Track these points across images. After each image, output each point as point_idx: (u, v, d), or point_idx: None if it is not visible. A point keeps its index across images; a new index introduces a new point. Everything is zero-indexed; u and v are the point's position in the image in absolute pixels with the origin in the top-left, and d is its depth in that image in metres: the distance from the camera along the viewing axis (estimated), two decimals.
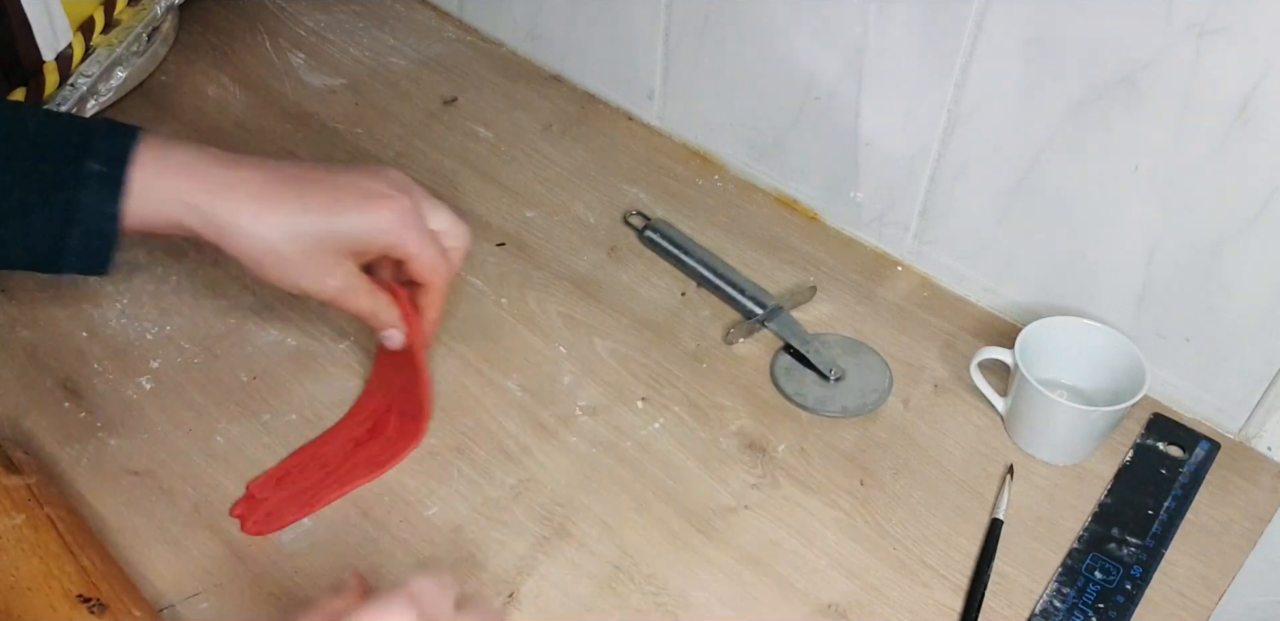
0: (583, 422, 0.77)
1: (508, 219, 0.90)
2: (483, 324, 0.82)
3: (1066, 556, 0.71)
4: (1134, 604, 0.69)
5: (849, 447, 0.76)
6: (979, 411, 0.79)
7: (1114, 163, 0.71)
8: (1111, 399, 0.73)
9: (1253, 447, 0.78)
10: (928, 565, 0.71)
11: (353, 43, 1.04)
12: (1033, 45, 0.70)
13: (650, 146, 0.97)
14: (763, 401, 0.79)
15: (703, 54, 0.89)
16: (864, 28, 0.77)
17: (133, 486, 0.71)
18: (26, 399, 0.75)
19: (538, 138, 0.97)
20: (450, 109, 0.99)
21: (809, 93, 0.84)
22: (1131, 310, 0.77)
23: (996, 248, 0.82)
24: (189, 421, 0.75)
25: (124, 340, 0.79)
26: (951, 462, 0.76)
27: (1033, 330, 0.75)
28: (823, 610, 0.68)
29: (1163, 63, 0.65)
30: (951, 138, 0.78)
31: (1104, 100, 0.69)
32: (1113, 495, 0.75)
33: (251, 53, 1.02)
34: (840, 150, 0.85)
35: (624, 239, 0.89)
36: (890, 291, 0.86)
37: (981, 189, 0.79)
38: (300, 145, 0.94)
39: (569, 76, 1.02)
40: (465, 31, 1.06)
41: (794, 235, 0.90)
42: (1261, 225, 0.68)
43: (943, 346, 0.83)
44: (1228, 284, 0.71)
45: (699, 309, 0.85)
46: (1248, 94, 0.63)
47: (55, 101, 0.88)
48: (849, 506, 0.73)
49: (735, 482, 0.74)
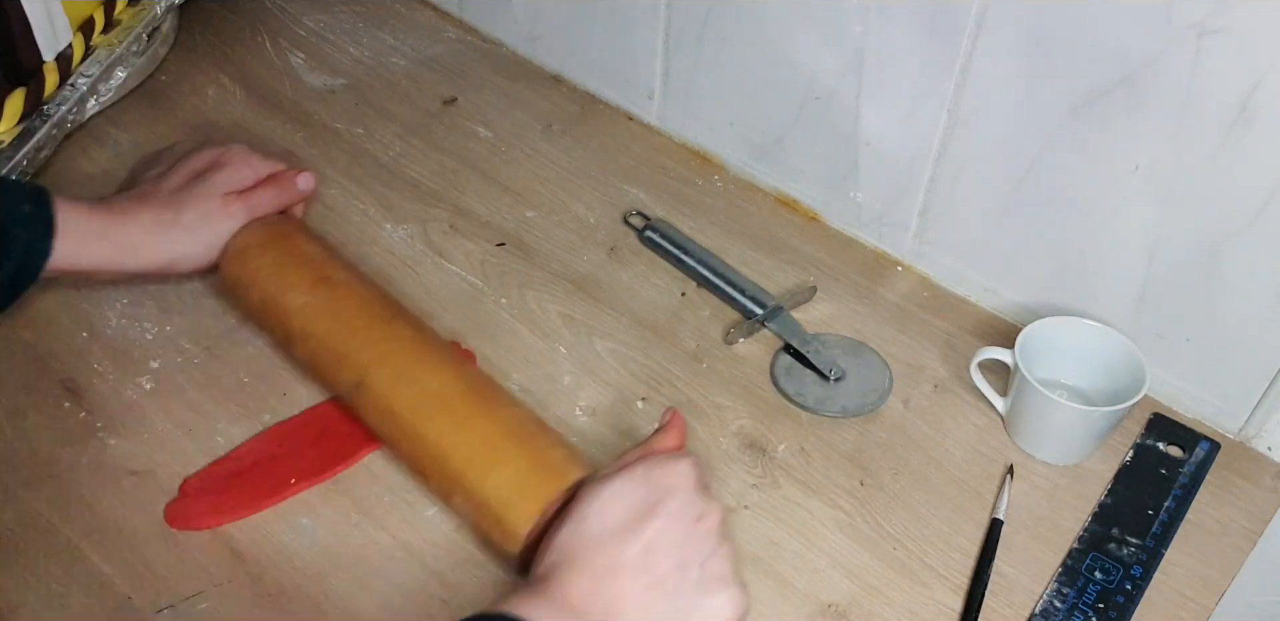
0: (583, 422, 0.77)
1: (508, 219, 0.90)
2: (483, 324, 0.82)
3: (1066, 556, 0.71)
4: (1134, 604, 0.69)
5: (849, 448, 0.76)
6: (979, 411, 0.79)
7: (1114, 162, 0.71)
8: (1111, 399, 0.73)
9: (1253, 447, 0.78)
10: (928, 565, 0.71)
11: (353, 43, 1.04)
12: (1033, 45, 0.70)
13: (650, 146, 0.97)
14: (763, 401, 0.79)
15: (703, 54, 0.89)
16: (864, 28, 0.77)
17: (133, 486, 0.71)
18: (26, 399, 0.75)
19: (538, 138, 0.97)
20: (450, 109, 0.99)
21: (809, 93, 0.84)
22: (1131, 310, 0.77)
23: (996, 248, 0.82)
24: (189, 421, 0.75)
25: (124, 340, 0.79)
26: (951, 462, 0.76)
27: (1033, 330, 0.75)
28: (823, 610, 0.68)
29: (1163, 63, 0.65)
30: (951, 138, 0.78)
31: (1104, 100, 0.69)
32: (1113, 495, 0.75)
33: (251, 53, 1.02)
34: (840, 150, 0.85)
35: (624, 239, 0.89)
36: (890, 291, 0.86)
37: (981, 189, 0.79)
38: (300, 145, 0.94)
39: (569, 76, 1.02)
40: (465, 31, 1.06)
41: (794, 235, 0.90)
42: (1261, 225, 0.68)
43: (943, 346, 0.83)
44: (1228, 284, 0.71)
45: (699, 309, 0.85)
46: (1248, 94, 0.63)
47: (55, 101, 0.88)
48: (849, 506, 0.73)
49: (735, 482, 0.74)
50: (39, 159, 0.87)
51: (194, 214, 0.75)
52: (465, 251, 0.87)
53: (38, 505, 0.70)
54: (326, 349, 0.71)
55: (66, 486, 0.71)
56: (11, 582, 0.66)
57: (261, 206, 0.77)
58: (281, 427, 0.74)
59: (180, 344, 0.79)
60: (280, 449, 0.73)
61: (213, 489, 0.71)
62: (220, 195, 0.76)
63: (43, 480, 0.71)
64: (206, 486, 0.71)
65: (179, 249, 0.75)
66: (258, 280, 0.75)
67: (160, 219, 0.74)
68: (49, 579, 0.67)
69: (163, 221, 0.74)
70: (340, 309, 0.72)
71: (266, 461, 0.72)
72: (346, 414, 0.74)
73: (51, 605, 0.65)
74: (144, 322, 0.80)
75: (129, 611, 0.65)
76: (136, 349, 0.79)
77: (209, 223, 0.75)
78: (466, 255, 0.87)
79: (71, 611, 0.65)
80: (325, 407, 0.76)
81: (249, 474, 0.72)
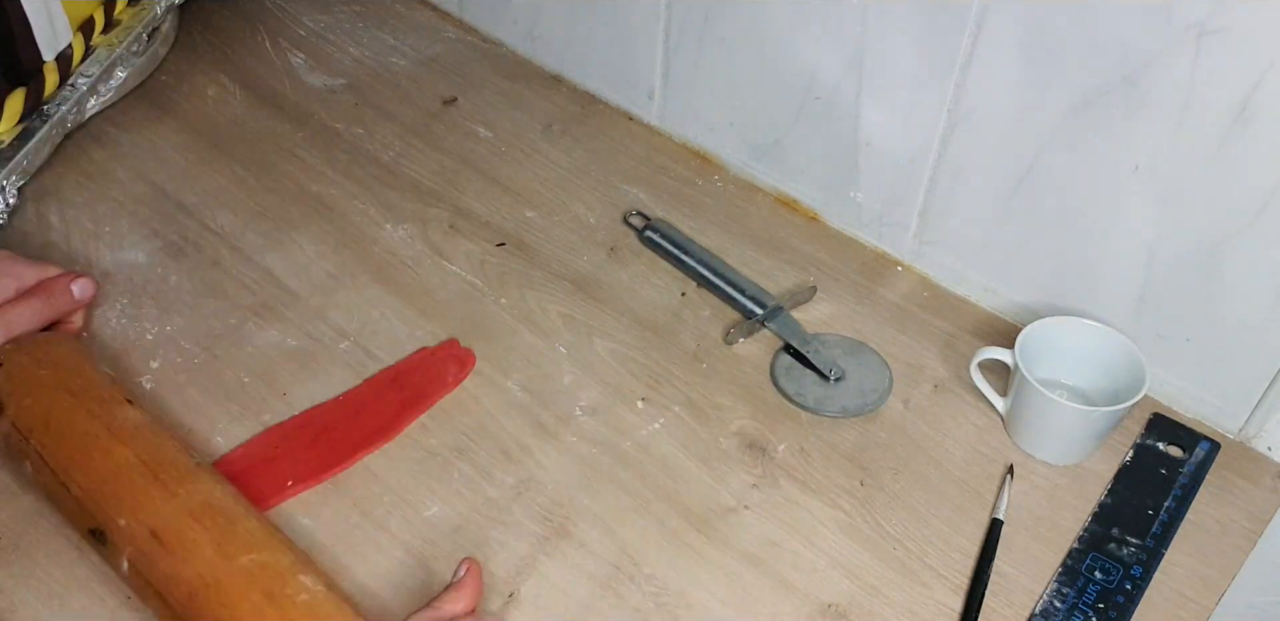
0: (583, 422, 0.77)
1: (508, 219, 0.90)
2: (483, 324, 0.82)
3: (1066, 556, 0.71)
4: (1134, 604, 0.69)
5: (849, 448, 0.76)
6: (979, 411, 0.79)
7: (1114, 163, 0.71)
8: (1111, 399, 0.73)
9: (1253, 447, 0.78)
10: (928, 565, 0.71)
11: (353, 43, 1.04)
12: (1033, 45, 0.70)
13: (650, 146, 0.97)
14: (763, 401, 0.79)
15: (703, 54, 0.89)
16: (864, 28, 0.77)
17: None
18: None
19: (538, 138, 0.97)
20: (450, 109, 0.99)
21: (809, 93, 0.84)
22: (1131, 310, 0.77)
23: (996, 248, 0.82)
24: (189, 421, 0.75)
25: (124, 340, 0.79)
26: (951, 462, 0.76)
27: (1033, 330, 0.75)
28: (823, 610, 0.68)
29: (1163, 63, 0.65)
30: (951, 138, 0.78)
31: (1104, 100, 0.69)
32: (1113, 495, 0.75)
33: (251, 53, 1.02)
34: (840, 150, 0.85)
35: (624, 239, 0.89)
36: (890, 291, 0.86)
37: (981, 189, 0.79)
38: (300, 145, 0.94)
39: (569, 76, 1.02)
40: (465, 31, 1.06)
41: (794, 235, 0.90)
42: (1261, 225, 0.68)
43: (943, 346, 0.83)
44: (1228, 284, 0.71)
45: (699, 309, 0.85)
46: (1248, 94, 0.63)
47: (55, 101, 0.88)
48: (849, 506, 0.73)
49: (735, 482, 0.74)
50: (39, 159, 0.87)
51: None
52: (465, 251, 0.87)
53: (38, 505, 0.70)
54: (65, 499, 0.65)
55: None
56: (11, 582, 0.66)
57: (19, 323, 0.68)
58: (279, 429, 0.74)
59: (180, 344, 0.79)
60: (277, 451, 0.73)
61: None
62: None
63: None
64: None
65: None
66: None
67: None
68: (49, 579, 0.67)
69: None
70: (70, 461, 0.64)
71: (263, 464, 0.72)
72: (345, 414, 0.74)
73: (51, 605, 0.65)
74: (144, 323, 0.80)
75: (129, 611, 0.65)
76: (136, 349, 0.79)
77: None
78: (466, 255, 0.87)
79: (71, 611, 0.65)
80: (323, 408, 0.75)
81: (247, 475, 0.71)
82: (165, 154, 0.92)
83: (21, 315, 0.67)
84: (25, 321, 0.68)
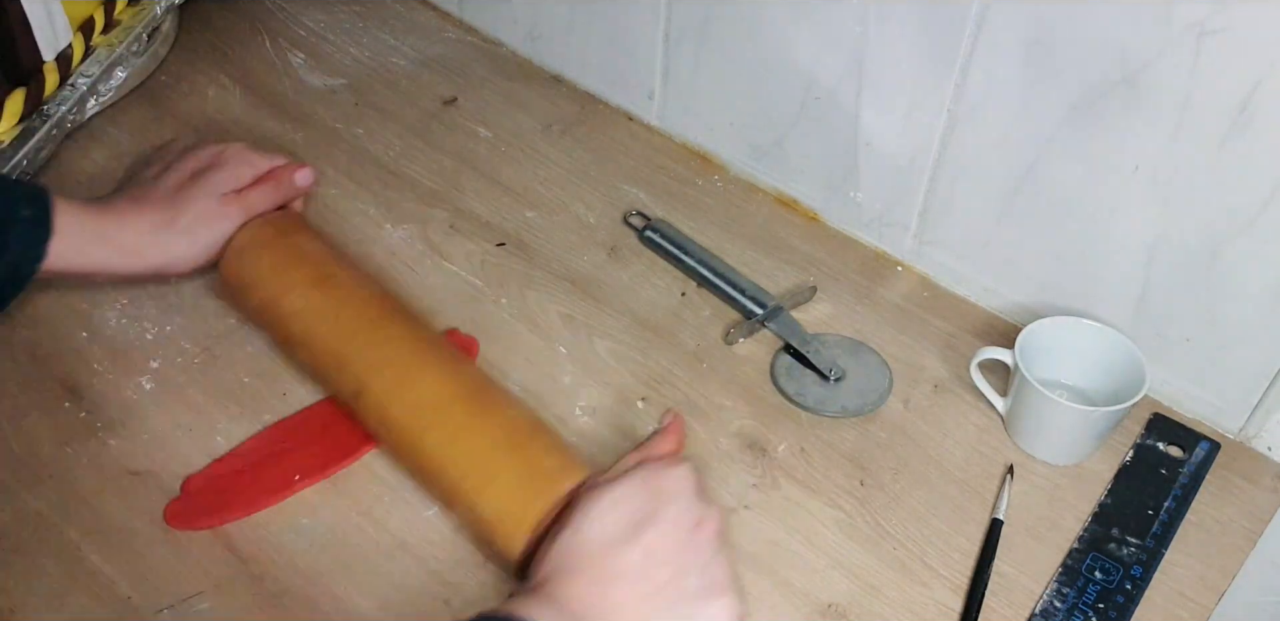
0: (583, 422, 0.77)
1: (508, 219, 0.90)
2: (483, 324, 0.82)
3: (1066, 556, 0.71)
4: (1134, 604, 0.69)
5: (849, 448, 0.76)
6: (979, 411, 0.79)
7: (1114, 163, 0.71)
8: (1111, 399, 0.73)
9: (1253, 447, 0.78)
10: (928, 565, 0.71)
11: (353, 43, 1.04)
12: (1033, 45, 0.70)
13: (650, 146, 0.97)
14: (763, 401, 0.79)
15: (703, 54, 0.89)
16: (864, 28, 0.77)
17: (133, 486, 0.71)
18: (26, 399, 0.75)
19: (538, 138, 0.97)
20: (450, 109, 0.99)
21: (809, 93, 0.84)
22: (1131, 310, 0.77)
23: (996, 248, 0.82)
24: (189, 421, 0.75)
25: (124, 340, 0.79)
26: (951, 462, 0.76)
27: (1033, 330, 0.75)
28: (823, 610, 0.68)
29: (1163, 63, 0.65)
30: (951, 138, 0.78)
31: (1104, 100, 0.69)
32: (1113, 495, 0.75)
33: (251, 53, 1.02)
34: (840, 150, 0.85)
35: (624, 239, 0.89)
36: (890, 291, 0.87)
37: (981, 189, 0.79)
38: (300, 145, 0.94)
39: (569, 76, 1.02)
40: (465, 31, 1.06)
41: (794, 235, 0.90)
42: (1261, 225, 0.68)
43: (943, 346, 0.83)
44: (1228, 284, 0.71)
45: (699, 309, 0.85)
46: (1248, 94, 0.63)
47: (55, 101, 0.88)
48: (849, 506, 0.73)
49: (735, 483, 0.74)
50: (39, 159, 0.87)
51: (191, 216, 0.75)
52: (465, 251, 0.87)
53: (38, 505, 0.70)
54: (325, 355, 0.72)
55: (66, 486, 0.71)
56: (11, 582, 0.66)
57: (259, 205, 0.78)
58: (283, 425, 0.74)
59: (180, 344, 0.79)
60: (282, 446, 0.73)
61: (215, 487, 0.71)
62: (217, 196, 0.76)
63: (43, 480, 0.71)
64: (209, 485, 0.71)
65: (176, 251, 0.75)
66: (256, 282, 0.75)
67: (157, 221, 0.74)
68: (49, 579, 0.67)
69: (160, 224, 0.74)
70: (338, 312, 0.72)
71: (268, 459, 0.72)
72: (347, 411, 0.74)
73: (51, 605, 0.65)
74: (144, 322, 0.80)
75: (129, 611, 0.65)
76: (136, 349, 0.79)
77: (206, 225, 0.75)
78: (466, 255, 0.87)
79: (71, 611, 0.65)
80: (326, 404, 0.76)
81: (251, 471, 0.72)
82: None
83: (260, 198, 0.78)
84: (263, 203, 0.78)
